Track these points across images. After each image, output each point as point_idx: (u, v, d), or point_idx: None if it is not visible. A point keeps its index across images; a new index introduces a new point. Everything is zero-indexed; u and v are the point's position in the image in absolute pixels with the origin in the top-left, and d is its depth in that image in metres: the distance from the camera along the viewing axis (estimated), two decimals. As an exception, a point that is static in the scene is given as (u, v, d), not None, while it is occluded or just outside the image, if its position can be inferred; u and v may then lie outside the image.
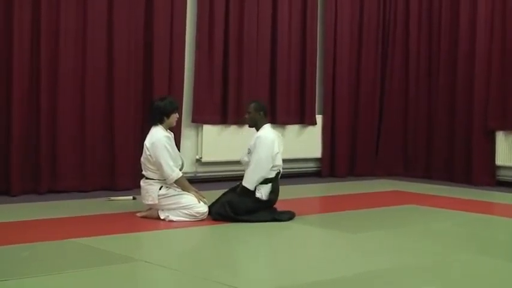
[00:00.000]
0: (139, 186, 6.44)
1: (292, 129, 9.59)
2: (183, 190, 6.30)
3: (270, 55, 9.30)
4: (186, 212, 6.23)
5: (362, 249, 5.40)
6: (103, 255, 4.93)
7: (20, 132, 7.35)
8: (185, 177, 6.42)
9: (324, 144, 9.87)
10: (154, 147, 6.20)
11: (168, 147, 6.24)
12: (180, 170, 6.34)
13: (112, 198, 7.29)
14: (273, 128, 9.11)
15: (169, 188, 6.27)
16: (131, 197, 7.32)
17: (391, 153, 10.29)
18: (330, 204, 7.92)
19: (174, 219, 6.21)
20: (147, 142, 6.28)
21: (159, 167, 6.21)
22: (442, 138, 9.83)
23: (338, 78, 9.95)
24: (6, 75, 7.30)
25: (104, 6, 7.87)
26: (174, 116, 6.39)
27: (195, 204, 6.25)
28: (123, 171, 7.90)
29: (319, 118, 9.83)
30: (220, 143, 8.83)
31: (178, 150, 8.22)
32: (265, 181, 6.43)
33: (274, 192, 6.45)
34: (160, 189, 6.24)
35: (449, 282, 4.50)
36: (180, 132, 8.39)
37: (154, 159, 6.21)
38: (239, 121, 8.74)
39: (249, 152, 6.53)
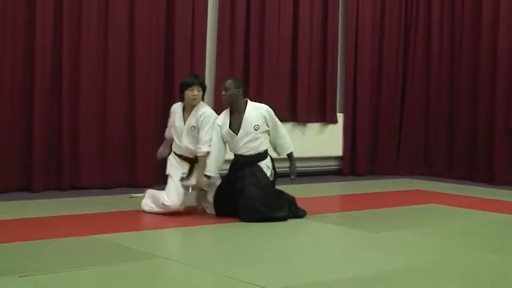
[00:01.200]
0: (160, 183, 6.46)
1: (313, 127, 9.58)
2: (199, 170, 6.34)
3: (290, 53, 9.29)
4: (157, 197, 6.32)
5: (383, 248, 5.38)
6: (124, 252, 4.95)
7: (41, 128, 7.40)
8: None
9: (344, 142, 9.85)
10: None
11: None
12: None
13: (133, 195, 7.32)
14: (294, 126, 9.21)
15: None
16: None
17: (412, 152, 10.25)
18: (350, 203, 7.90)
19: (146, 209, 6.34)
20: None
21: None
22: (464, 137, 9.78)
23: (359, 76, 9.92)
24: (28, 71, 7.35)
25: (126, 4, 7.91)
26: (187, 93, 6.39)
27: (168, 193, 6.30)
28: (144, 168, 7.93)
29: (340, 116, 9.81)
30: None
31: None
32: (266, 155, 6.41)
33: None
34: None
35: (469, 282, 4.48)
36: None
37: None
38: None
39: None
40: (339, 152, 9.83)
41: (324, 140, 9.66)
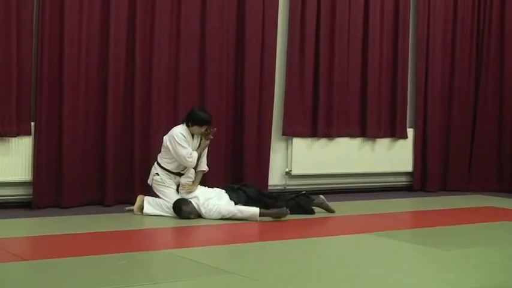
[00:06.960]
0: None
1: (383, 142, 9.50)
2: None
3: (360, 68, 9.23)
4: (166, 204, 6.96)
5: (456, 266, 5.29)
6: (196, 267, 4.99)
7: (114, 146, 7.53)
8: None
9: (415, 158, 9.73)
10: (171, 141, 6.99)
11: (182, 142, 6.97)
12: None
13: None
14: (364, 141, 9.18)
15: (164, 178, 7.07)
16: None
17: (484, 167, 10.05)
18: (421, 220, 7.78)
19: (149, 212, 6.96)
20: (166, 136, 7.09)
21: (177, 157, 6.97)
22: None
23: (430, 91, 9.78)
24: (102, 85, 7.47)
25: (197, 18, 8.00)
26: (195, 128, 7.05)
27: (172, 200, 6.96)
28: (213, 181, 7.96)
29: (410, 132, 9.70)
30: (309, 156, 8.83)
31: (268, 162, 8.34)
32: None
33: None
34: (157, 174, 7.09)
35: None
36: (270, 145, 8.47)
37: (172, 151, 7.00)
38: (329, 134, 8.87)
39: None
40: (409, 167, 9.73)
41: (394, 156, 9.57)
